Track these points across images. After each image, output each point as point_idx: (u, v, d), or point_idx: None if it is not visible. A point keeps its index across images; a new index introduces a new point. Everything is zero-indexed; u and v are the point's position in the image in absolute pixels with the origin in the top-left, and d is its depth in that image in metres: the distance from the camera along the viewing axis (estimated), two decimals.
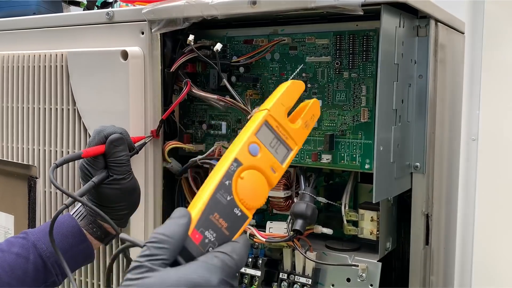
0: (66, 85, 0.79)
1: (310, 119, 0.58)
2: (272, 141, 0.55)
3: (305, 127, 0.58)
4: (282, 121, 0.56)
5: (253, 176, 0.53)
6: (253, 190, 0.52)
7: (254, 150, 0.53)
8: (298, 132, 0.57)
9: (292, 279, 0.73)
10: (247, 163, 0.53)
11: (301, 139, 0.57)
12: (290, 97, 0.57)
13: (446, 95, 0.78)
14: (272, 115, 0.55)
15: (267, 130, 0.55)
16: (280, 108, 0.56)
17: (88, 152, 0.65)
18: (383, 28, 0.62)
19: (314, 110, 0.59)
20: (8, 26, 0.89)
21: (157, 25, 0.73)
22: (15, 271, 0.65)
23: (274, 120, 0.55)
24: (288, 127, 0.56)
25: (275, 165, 0.54)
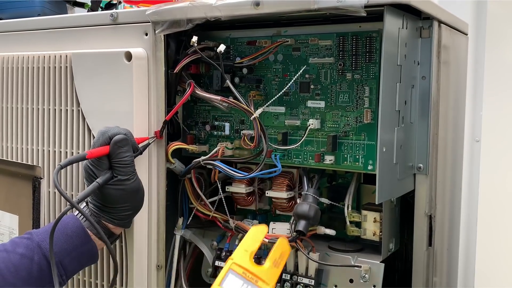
0: (70, 86, 0.80)
1: (279, 257, 0.62)
2: (242, 287, 0.58)
3: (274, 266, 0.61)
4: (248, 265, 0.59)
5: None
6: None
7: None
8: (267, 273, 0.60)
9: (295, 280, 0.74)
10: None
11: (272, 278, 0.60)
12: (252, 241, 0.62)
13: (449, 96, 0.78)
14: (236, 262, 0.59)
15: (234, 278, 0.58)
16: (243, 254, 0.60)
17: (92, 153, 0.66)
18: (386, 29, 0.62)
19: (281, 248, 0.63)
20: (13, 27, 0.89)
21: (161, 26, 0.74)
22: (20, 272, 0.65)
23: (239, 266, 0.59)
24: (255, 270, 0.59)
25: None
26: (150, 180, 0.76)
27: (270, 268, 0.61)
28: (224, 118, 0.79)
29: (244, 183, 0.78)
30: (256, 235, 0.64)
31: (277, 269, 0.62)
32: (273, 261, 0.62)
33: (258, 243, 0.63)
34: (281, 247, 0.64)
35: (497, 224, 1.26)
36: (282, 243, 0.65)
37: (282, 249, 0.64)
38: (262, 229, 0.65)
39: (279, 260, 0.62)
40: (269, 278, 0.60)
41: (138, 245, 0.76)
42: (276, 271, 0.61)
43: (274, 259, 0.62)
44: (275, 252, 0.63)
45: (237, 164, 0.81)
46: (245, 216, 0.83)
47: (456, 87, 0.83)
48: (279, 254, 0.63)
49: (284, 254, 0.64)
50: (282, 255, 0.63)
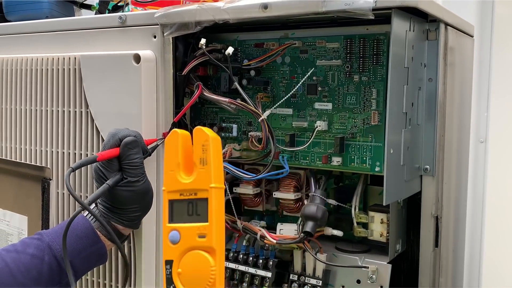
0: (79, 88, 0.80)
1: (202, 152, 0.52)
2: (189, 210, 0.52)
3: (202, 165, 0.52)
4: (180, 185, 0.52)
5: (187, 261, 0.50)
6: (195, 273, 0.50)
7: (174, 237, 0.51)
8: (200, 178, 0.52)
9: (303, 281, 0.74)
10: (176, 255, 0.50)
11: (207, 178, 0.52)
12: (171, 157, 0.54)
13: (455, 98, 0.78)
14: (169, 189, 0.53)
15: (178, 206, 0.52)
16: (171, 176, 0.53)
17: (103, 155, 0.66)
18: (394, 32, 0.62)
19: (199, 140, 0.53)
20: (21, 30, 0.90)
21: (169, 29, 0.74)
22: (31, 272, 0.66)
23: (174, 192, 0.52)
24: (188, 185, 0.52)
25: (200, 230, 0.51)
26: (158, 182, 0.77)
27: (199, 171, 0.51)
28: (231, 119, 0.80)
29: (252, 184, 0.79)
30: (172, 148, 0.54)
31: (207, 165, 0.52)
32: (198, 160, 0.52)
33: (178, 154, 0.53)
34: (198, 138, 0.53)
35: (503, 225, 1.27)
36: (196, 133, 0.53)
37: (200, 140, 0.53)
38: (173, 137, 0.54)
39: (204, 155, 0.52)
40: (203, 182, 0.51)
41: (146, 245, 0.77)
42: (206, 169, 0.51)
43: (198, 157, 0.52)
44: (195, 149, 0.52)
45: (244, 166, 0.81)
46: (252, 217, 0.83)
47: (462, 88, 0.83)
48: (200, 149, 0.52)
49: (206, 144, 0.52)
50: (204, 147, 0.52)
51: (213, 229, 0.51)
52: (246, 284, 0.77)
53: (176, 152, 0.53)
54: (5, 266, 0.64)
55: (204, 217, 0.51)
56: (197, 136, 0.53)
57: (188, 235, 0.51)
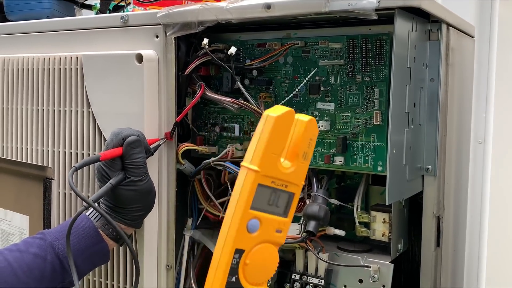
0: (81, 87, 0.80)
1: (308, 146, 0.48)
2: (270, 199, 0.47)
3: (303, 159, 0.48)
4: (277, 173, 0.47)
5: (258, 254, 0.46)
6: (262, 267, 0.47)
7: (254, 226, 0.46)
8: (297, 172, 0.48)
9: (305, 280, 0.74)
10: (250, 245, 0.46)
11: (303, 174, 0.49)
12: (279, 139, 0.46)
13: (455, 99, 0.78)
14: (264, 174, 0.46)
15: (262, 192, 0.46)
16: (271, 160, 0.46)
17: (106, 155, 0.66)
18: (397, 32, 0.63)
19: (309, 133, 0.48)
20: (23, 29, 0.90)
21: (172, 28, 0.74)
22: (33, 271, 0.65)
23: (267, 178, 0.46)
24: (285, 175, 0.47)
25: (279, 224, 0.47)
26: (160, 181, 0.77)
27: (300, 164, 0.48)
28: (233, 119, 0.80)
29: None
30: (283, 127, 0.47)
31: (306, 161, 0.48)
32: (302, 153, 0.48)
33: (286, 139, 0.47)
34: (310, 131, 0.48)
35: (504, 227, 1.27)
36: (310, 125, 0.48)
37: (310, 133, 0.48)
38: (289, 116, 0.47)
39: (308, 150, 0.48)
40: (299, 176, 0.48)
41: (148, 245, 0.77)
42: (305, 164, 0.48)
43: (303, 150, 0.48)
44: (303, 141, 0.47)
45: None
46: None
47: (462, 89, 0.84)
48: (307, 142, 0.48)
49: (313, 139, 0.48)
50: (311, 141, 0.48)
51: (289, 226, 0.48)
52: None
53: (286, 136, 0.47)
54: (8, 266, 0.64)
55: (283, 211, 0.47)
56: (310, 128, 0.48)
57: (268, 227, 0.46)
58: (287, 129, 0.47)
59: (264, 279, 0.47)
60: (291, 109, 0.48)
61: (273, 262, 0.47)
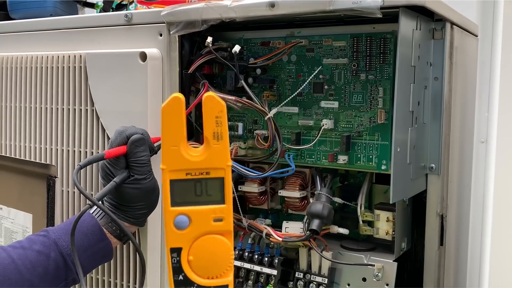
0: (85, 86, 0.80)
1: (216, 125, 0.44)
2: (196, 191, 0.44)
3: (216, 141, 0.44)
4: (187, 163, 0.44)
5: (201, 248, 0.44)
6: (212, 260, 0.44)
7: (182, 222, 0.44)
8: (213, 155, 0.44)
9: (308, 278, 0.74)
10: (185, 242, 0.44)
11: (223, 155, 0.45)
12: (173, 129, 0.44)
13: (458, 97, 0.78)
14: (172, 168, 0.44)
15: (181, 187, 0.44)
16: (173, 153, 0.44)
17: (110, 153, 0.67)
18: (401, 31, 0.63)
19: (212, 111, 0.44)
20: (27, 28, 0.90)
21: (176, 27, 0.74)
22: (37, 268, 0.66)
23: (178, 171, 0.44)
24: (199, 163, 0.44)
25: (216, 213, 0.45)
26: None
27: (213, 147, 0.44)
28: (237, 118, 0.80)
29: (257, 182, 0.79)
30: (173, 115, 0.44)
31: (222, 141, 0.44)
32: (211, 135, 0.44)
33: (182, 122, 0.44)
34: (211, 109, 0.44)
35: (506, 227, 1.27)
36: (208, 102, 0.44)
37: (213, 111, 0.44)
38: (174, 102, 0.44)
39: (218, 129, 0.44)
40: (219, 160, 0.44)
41: (151, 243, 0.77)
42: (222, 144, 0.44)
43: (212, 131, 0.44)
44: (208, 121, 0.44)
45: (249, 164, 0.81)
46: (257, 215, 0.83)
47: (465, 88, 0.84)
48: (213, 121, 0.44)
49: (221, 116, 0.44)
50: (218, 119, 0.44)
51: (230, 212, 0.45)
52: (251, 282, 0.77)
53: (180, 123, 0.44)
54: (11, 262, 0.64)
55: (218, 198, 0.45)
56: (209, 105, 0.44)
57: (201, 219, 0.44)
58: (178, 116, 0.44)
59: (220, 270, 0.45)
60: (175, 95, 0.45)
61: (223, 251, 0.45)
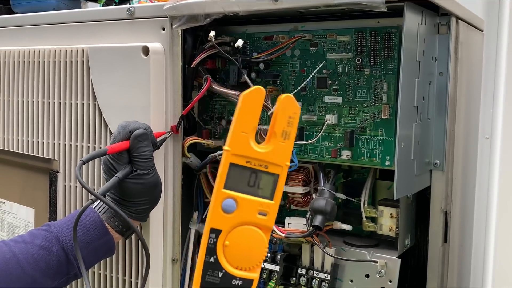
0: (87, 80, 0.80)
1: (287, 124, 0.46)
2: (250, 180, 0.46)
3: (283, 139, 0.46)
4: (251, 151, 0.46)
5: (239, 236, 0.45)
6: (246, 251, 0.45)
7: (230, 206, 0.45)
8: (277, 151, 0.46)
9: (311, 275, 0.74)
10: (227, 226, 0.45)
11: (285, 154, 0.46)
12: (248, 117, 0.46)
13: (463, 93, 0.78)
14: (235, 152, 0.45)
15: (237, 173, 0.46)
16: (242, 139, 0.45)
17: (113, 148, 0.66)
18: (406, 25, 0.62)
19: (287, 111, 0.46)
20: (30, 22, 0.89)
21: (178, 21, 0.74)
22: (38, 263, 0.65)
23: (240, 157, 0.45)
24: (261, 155, 0.46)
25: (263, 207, 0.46)
26: (166, 175, 0.76)
27: (280, 143, 0.46)
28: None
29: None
30: (250, 106, 0.46)
31: (288, 140, 0.46)
32: (280, 132, 0.46)
33: (256, 116, 0.46)
34: (287, 108, 0.46)
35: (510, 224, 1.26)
36: (287, 102, 0.46)
37: (288, 111, 0.46)
38: (256, 94, 0.46)
39: (289, 129, 0.46)
40: (281, 156, 0.46)
41: (154, 238, 0.77)
42: (287, 144, 0.46)
43: (282, 128, 0.46)
44: (281, 119, 0.46)
45: None
46: None
47: (470, 83, 0.83)
48: (286, 120, 0.46)
49: (294, 117, 0.46)
50: (291, 119, 0.46)
51: (276, 210, 0.46)
52: None
53: (255, 113, 0.46)
54: (13, 257, 0.64)
55: (268, 193, 0.46)
56: (286, 104, 0.46)
57: (247, 208, 0.45)
58: (255, 107, 0.46)
59: (250, 263, 0.45)
60: (258, 87, 0.47)
61: (259, 245, 0.46)
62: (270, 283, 0.76)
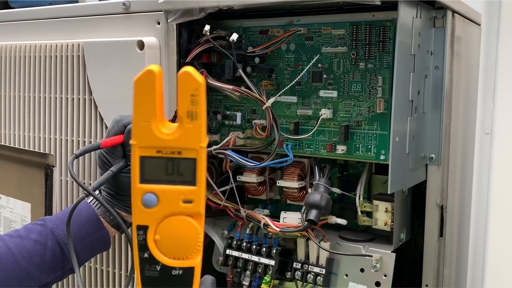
0: (83, 75, 0.80)
1: (191, 103, 0.42)
2: (167, 169, 0.43)
3: (191, 120, 0.42)
4: (158, 140, 0.42)
5: (168, 228, 0.43)
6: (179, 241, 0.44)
7: (150, 201, 0.43)
8: (186, 135, 0.42)
9: (306, 269, 0.74)
10: (152, 221, 0.43)
11: (197, 136, 0.42)
12: (145, 104, 0.42)
13: (461, 88, 0.77)
14: (142, 145, 0.43)
15: (151, 165, 0.43)
16: (145, 129, 0.42)
17: (107, 142, 0.66)
18: (401, 18, 0.62)
19: (188, 88, 0.41)
20: (25, 16, 0.89)
21: (173, 15, 0.74)
22: (33, 258, 0.66)
23: (148, 148, 0.43)
24: (171, 141, 0.42)
25: (185, 195, 0.43)
26: None
27: (186, 127, 0.42)
28: (235, 107, 0.79)
29: (255, 172, 0.79)
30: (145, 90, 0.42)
31: (197, 121, 0.42)
32: (185, 113, 0.42)
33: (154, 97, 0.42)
34: (186, 86, 0.42)
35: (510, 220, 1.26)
36: (184, 78, 0.42)
37: (188, 88, 0.42)
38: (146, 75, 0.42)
39: (194, 108, 0.42)
40: (192, 140, 0.42)
41: None
42: (196, 124, 0.42)
43: (185, 109, 0.42)
44: (182, 99, 0.41)
45: (248, 154, 0.81)
46: (256, 205, 0.83)
47: (468, 78, 0.83)
48: (188, 99, 0.41)
49: (197, 94, 0.42)
50: (194, 97, 0.42)
51: (201, 194, 0.44)
52: (249, 272, 0.77)
53: (152, 98, 0.42)
54: (8, 251, 0.64)
55: (190, 179, 0.43)
56: (185, 82, 0.42)
57: (170, 199, 0.43)
58: (151, 91, 0.42)
59: (186, 252, 0.44)
60: (148, 68, 0.42)
61: (191, 233, 0.44)
62: (265, 277, 0.76)
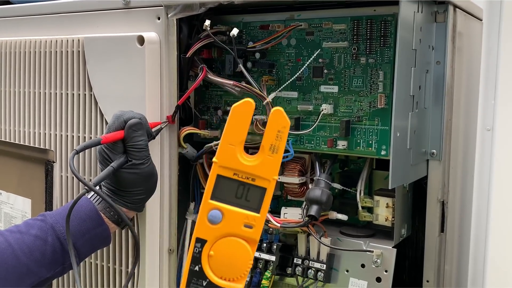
0: (83, 70, 0.80)
1: (276, 138, 0.47)
2: (237, 193, 0.47)
3: (271, 152, 0.47)
4: (238, 164, 0.47)
5: (224, 247, 0.46)
6: (230, 262, 0.46)
7: (215, 218, 0.47)
8: (264, 165, 0.47)
9: (307, 264, 0.74)
10: (212, 237, 0.46)
11: (273, 168, 0.47)
12: (236, 130, 0.47)
13: (463, 83, 0.77)
14: (223, 164, 0.47)
15: (224, 184, 0.47)
16: (229, 151, 0.47)
17: (107, 138, 0.66)
18: (402, 13, 0.61)
19: (277, 124, 0.47)
20: (25, 12, 0.89)
21: (174, 10, 0.73)
22: (34, 253, 0.65)
23: (227, 169, 0.47)
24: (249, 168, 0.47)
25: (249, 219, 0.47)
26: (162, 165, 0.76)
27: (268, 157, 0.47)
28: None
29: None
30: (241, 117, 0.47)
31: (276, 154, 0.47)
32: (268, 146, 0.47)
33: (244, 128, 0.47)
34: (276, 122, 0.47)
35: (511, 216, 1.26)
36: (276, 115, 0.47)
37: (277, 124, 0.47)
38: (245, 107, 0.47)
39: (277, 142, 0.47)
40: (269, 170, 0.47)
41: (150, 229, 0.77)
42: (275, 158, 0.47)
43: (270, 142, 0.47)
44: (269, 132, 0.47)
45: (249, 150, 0.81)
46: None
47: (469, 74, 0.82)
48: (274, 134, 0.47)
49: (283, 131, 0.47)
50: (280, 133, 0.47)
51: (262, 223, 0.47)
52: None
53: (244, 126, 0.47)
54: (8, 247, 0.64)
55: (255, 206, 0.47)
56: (276, 118, 0.47)
57: (233, 220, 0.47)
58: (244, 120, 0.47)
59: (234, 274, 0.46)
60: (248, 100, 0.48)
61: (243, 257, 0.47)
62: (266, 273, 0.76)
